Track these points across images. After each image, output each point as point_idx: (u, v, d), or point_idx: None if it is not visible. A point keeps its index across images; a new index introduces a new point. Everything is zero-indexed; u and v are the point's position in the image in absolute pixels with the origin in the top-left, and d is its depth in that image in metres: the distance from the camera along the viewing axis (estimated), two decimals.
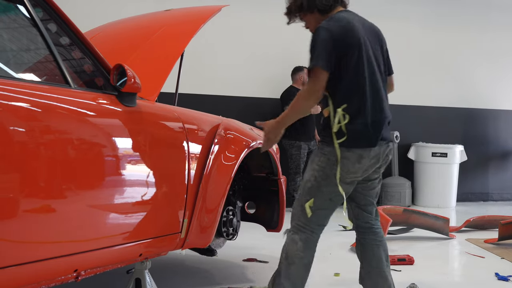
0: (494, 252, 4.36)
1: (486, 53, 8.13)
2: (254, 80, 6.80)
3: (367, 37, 2.55)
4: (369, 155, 2.49)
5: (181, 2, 4.49)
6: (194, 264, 3.75)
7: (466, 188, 7.90)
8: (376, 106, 2.54)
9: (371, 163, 2.52)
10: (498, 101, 8.24)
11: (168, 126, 2.59)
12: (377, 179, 2.68)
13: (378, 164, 2.57)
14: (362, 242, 2.70)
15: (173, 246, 2.60)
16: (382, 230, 2.74)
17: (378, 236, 2.69)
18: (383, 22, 6.06)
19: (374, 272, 2.66)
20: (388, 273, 2.66)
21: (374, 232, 2.69)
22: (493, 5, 8.17)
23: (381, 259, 2.66)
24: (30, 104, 1.87)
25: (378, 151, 2.53)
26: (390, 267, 2.69)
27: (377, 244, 2.67)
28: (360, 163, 2.48)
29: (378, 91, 2.57)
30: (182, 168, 2.58)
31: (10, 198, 1.76)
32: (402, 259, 3.92)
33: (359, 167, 2.48)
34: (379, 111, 2.55)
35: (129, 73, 2.26)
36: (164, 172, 2.50)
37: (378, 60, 2.61)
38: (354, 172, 2.49)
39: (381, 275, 2.66)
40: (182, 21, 3.38)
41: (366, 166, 2.51)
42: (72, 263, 2.01)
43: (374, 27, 2.69)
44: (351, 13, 2.63)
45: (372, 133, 2.50)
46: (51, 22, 2.19)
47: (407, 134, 7.60)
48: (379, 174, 2.67)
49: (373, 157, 2.51)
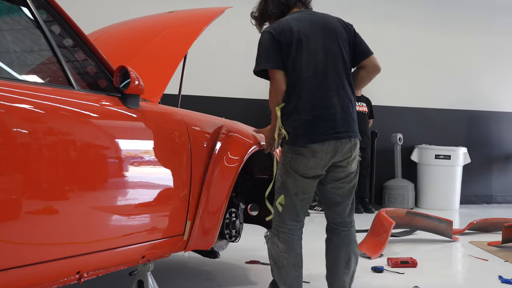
0: (498, 255, 4.35)
1: (489, 55, 8.13)
2: (257, 81, 6.77)
3: (312, 33, 2.62)
4: (322, 150, 2.54)
5: (184, 4, 4.49)
6: (197, 266, 3.75)
7: (469, 190, 7.88)
8: (316, 101, 2.57)
9: (327, 157, 2.56)
10: (501, 103, 8.24)
11: (171, 128, 2.58)
12: (343, 178, 2.68)
13: (334, 159, 2.58)
14: (327, 240, 2.80)
15: (176, 248, 2.60)
16: (351, 232, 2.78)
17: (342, 238, 2.75)
18: (385, 25, 6.21)
19: (330, 271, 2.77)
20: (345, 275, 2.72)
21: (337, 233, 2.76)
22: (496, 7, 8.16)
23: (339, 261, 2.73)
24: (34, 106, 1.87)
25: (334, 145, 2.56)
26: (349, 270, 2.74)
27: (339, 246, 2.75)
28: (315, 157, 2.54)
29: (321, 87, 2.59)
30: (185, 170, 2.58)
31: (13, 199, 1.76)
32: (405, 261, 3.91)
33: (315, 161, 2.55)
34: (322, 107, 2.57)
35: (132, 75, 2.26)
36: (167, 174, 2.50)
37: (329, 54, 2.62)
38: (313, 167, 2.56)
39: (336, 276, 2.74)
40: (185, 22, 3.38)
41: (325, 161, 2.56)
42: (75, 265, 2.01)
43: (329, 20, 2.72)
44: (300, 13, 2.73)
45: (312, 130, 2.54)
46: (54, 24, 2.19)
47: (410, 136, 7.60)
48: (346, 173, 2.67)
49: (328, 152, 2.55)
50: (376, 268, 3.77)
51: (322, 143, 2.54)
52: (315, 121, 2.55)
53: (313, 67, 2.58)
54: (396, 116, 7.72)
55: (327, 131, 2.55)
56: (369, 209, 6.81)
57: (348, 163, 2.63)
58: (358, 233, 4.91)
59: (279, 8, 2.76)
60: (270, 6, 2.77)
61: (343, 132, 2.58)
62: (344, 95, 2.62)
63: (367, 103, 7.05)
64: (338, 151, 2.57)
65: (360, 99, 6.99)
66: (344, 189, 2.70)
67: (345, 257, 2.73)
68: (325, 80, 2.59)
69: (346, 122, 2.60)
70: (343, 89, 2.62)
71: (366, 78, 2.78)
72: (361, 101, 6.98)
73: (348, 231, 2.77)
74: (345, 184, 2.69)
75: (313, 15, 2.72)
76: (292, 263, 2.63)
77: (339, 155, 2.58)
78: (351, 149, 2.61)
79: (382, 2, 7.43)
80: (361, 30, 2.84)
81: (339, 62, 2.64)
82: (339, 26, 2.69)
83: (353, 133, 2.62)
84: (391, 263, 3.90)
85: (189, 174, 2.59)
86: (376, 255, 4.16)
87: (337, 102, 2.59)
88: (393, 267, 3.87)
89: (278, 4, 2.76)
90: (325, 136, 2.54)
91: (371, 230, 4.55)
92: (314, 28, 2.64)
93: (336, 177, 2.67)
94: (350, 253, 2.74)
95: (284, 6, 2.75)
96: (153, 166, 2.42)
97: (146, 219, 2.35)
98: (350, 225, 2.79)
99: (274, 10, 2.76)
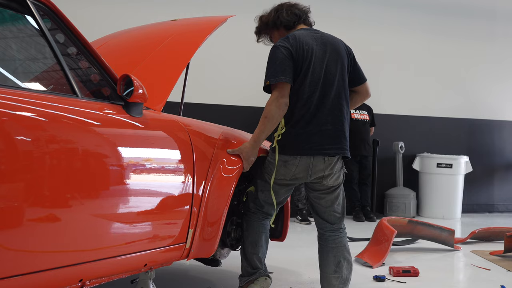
0: (500, 264, 4.34)
1: (491, 64, 8.14)
2: (260, 89, 6.79)
3: (320, 54, 2.80)
4: (294, 163, 2.76)
5: (188, 12, 4.52)
6: (199, 274, 3.74)
7: (471, 199, 7.88)
8: (311, 119, 2.75)
9: (298, 171, 2.77)
10: (503, 111, 8.24)
11: (174, 136, 2.59)
12: (323, 190, 2.84)
13: (308, 173, 2.77)
14: (318, 246, 2.96)
15: (178, 256, 2.60)
16: (340, 237, 2.91)
17: (330, 242, 2.90)
18: (387, 33, 6.17)
19: (322, 275, 2.92)
20: (335, 279, 2.85)
21: (326, 239, 2.91)
22: (498, 16, 8.19)
23: (329, 265, 2.87)
24: (37, 114, 1.88)
25: (307, 161, 2.75)
26: (341, 275, 2.85)
27: (328, 250, 2.89)
28: (286, 168, 2.79)
29: (319, 106, 2.77)
30: (188, 177, 2.58)
31: (16, 207, 1.76)
32: (407, 270, 3.90)
33: (285, 171, 2.80)
34: (314, 124, 2.75)
35: (136, 83, 2.28)
36: (169, 182, 2.51)
37: (330, 75, 2.81)
38: (282, 174, 2.82)
39: (326, 280, 2.88)
40: (189, 31, 3.39)
41: (293, 172, 2.79)
42: (77, 273, 2.01)
43: (334, 42, 2.89)
44: (308, 31, 2.90)
45: (296, 144, 2.75)
46: (58, 32, 2.21)
47: (412, 145, 7.61)
48: (325, 186, 2.82)
49: (300, 166, 2.76)
50: (378, 277, 3.76)
51: (313, 157, 2.75)
52: (303, 136, 2.75)
53: (314, 87, 2.76)
54: (397, 124, 7.72)
55: (306, 146, 2.75)
56: (370, 218, 6.80)
57: (322, 178, 2.79)
58: (360, 242, 4.95)
59: (291, 18, 2.94)
60: (284, 14, 2.94)
61: (328, 152, 2.77)
62: (338, 115, 2.81)
63: (368, 111, 7.06)
64: (310, 167, 2.77)
65: (362, 107, 7.00)
66: (325, 200, 2.87)
67: (334, 260, 2.85)
68: (323, 100, 2.77)
69: (330, 139, 2.77)
70: (339, 109, 2.81)
71: (358, 101, 3.06)
72: (362, 109, 7.00)
73: (336, 236, 2.90)
74: (325, 195, 2.86)
75: (320, 34, 2.89)
76: (250, 241, 3.00)
77: (310, 171, 2.77)
78: (325, 169, 2.77)
79: (385, 10, 7.46)
80: (364, 38, 2.88)
81: (339, 83, 2.83)
82: (343, 49, 2.89)
83: (333, 150, 2.78)
84: (393, 272, 3.89)
85: (192, 182, 2.60)
86: (378, 264, 4.15)
87: (330, 120, 2.77)
88: (394, 276, 3.86)
89: (291, 14, 2.94)
90: (304, 151, 2.75)
91: (373, 239, 4.55)
92: (322, 50, 2.81)
93: (316, 188, 2.86)
94: (339, 257, 2.86)
95: (296, 18, 2.95)
96: (156, 174, 2.42)
97: (148, 227, 2.36)
98: (338, 231, 2.90)
99: (288, 18, 2.94)
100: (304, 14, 2.98)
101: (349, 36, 4.23)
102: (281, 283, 3.55)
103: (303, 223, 6.41)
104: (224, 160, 2.81)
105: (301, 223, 6.41)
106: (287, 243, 3.78)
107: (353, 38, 6.95)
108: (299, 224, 6.37)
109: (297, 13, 2.95)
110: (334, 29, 3.58)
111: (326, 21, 4.18)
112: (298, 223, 6.44)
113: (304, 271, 3.88)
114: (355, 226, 6.29)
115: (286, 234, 3.44)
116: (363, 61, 3.24)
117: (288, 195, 3.01)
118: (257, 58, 6.92)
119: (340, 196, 2.89)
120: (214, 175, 2.73)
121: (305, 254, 4.41)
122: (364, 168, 7.04)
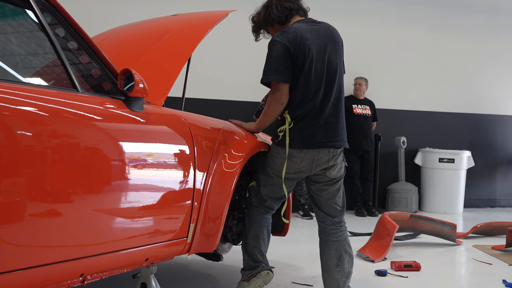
0: (502, 259, 4.34)
1: (493, 58, 8.12)
2: (261, 85, 6.79)
3: (321, 48, 2.77)
4: (300, 156, 2.75)
5: (189, 7, 4.50)
6: (200, 269, 3.75)
7: (473, 194, 7.87)
8: (317, 113, 2.75)
9: (303, 164, 2.77)
10: (505, 106, 8.23)
11: (175, 131, 2.59)
12: (325, 182, 2.85)
13: (312, 165, 2.77)
14: (319, 242, 2.96)
15: (180, 251, 2.60)
16: (341, 231, 2.91)
17: (331, 236, 2.89)
18: (389, 28, 6.15)
19: (324, 269, 2.91)
20: (337, 273, 2.85)
21: (327, 232, 2.91)
22: (501, 10, 8.16)
23: (330, 258, 2.87)
24: (38, 108, 1.87)
25: (313, 154, 2.75)
26: (343, 268, 2.86)
27: (329, 244, 2.88)
28: (290, 161, 2.77)
29: (324, 101, 2.76)
30: (189, 172, 2.58)
31: (17, 202, 1.76)
32: (408, 265, 3.90)
33: (290, 164, 2.78)
34: (319, 118, 2.75)
35: (137, 77, 2.27)
36: (171, 177, 2.50)
37: (332, 64, 2.79)
38: (287, 168, 2.79)
39: (328, 274, 2.88)
40: (190, 25, 3.38)
41: (298, 166, 2.78)
42: (79, 267, 2.01)
43: (333, 33, 2.86)
44: (306, 23, 2.84)
45: (301, 138, 2.74)
46: (59, 26, 2.20)
47: (414, 140, 7.60)
48: (327, 178, 2.83)
49: (306, 159, 2.75)
50: (380, 271, 3.76)
51: (300, 150, 2.75)
52: (309, 129, 2.74)
53: (319, 82, 2.75)
54: (399, 119, 7.71)
55: (318, 139, 2.75)
56: (372, 213, 6.80)
57: (326, 169, 2.80)
58: (362, 237, 4.95)
59: (282, 13, 2.86)
60: (274, 10, 2.87)
61: (328, 143, 2.76)
62: (339, 107, 2.82)
63: (370, 106, 7.04)
64: (315, 159, 2.76)
65: (364, 102, 6.99)
66: (327, 192, 2.87)
67: (336, 254, 2.85)
68: (328, 94, 2.77)
69: (334, 132, 2.78)
70: (339, 101, 2.83)
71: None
72: (364, 104, 6.98)
73: (337, 229, 2.90)
74: (327, 187, 2.86)
75: (317, 26, 2.84)
76: (251, 235, 3.00)
77: (315, 163, 2.77)
78: (329, 160, 2.77)
79: (386, 5, 7.43)
80: (365, 33, 2.87)
81: (340, 75, 2.84)
82: (340, 39, 2.87)
83: (338, 142, 2.79)
84: (395, 267, 3.89)
85: (193, 177, 2.59)
86: (380, 258, 4.15)
87: (333, 113, 2.78)
88: (396, 271, 3.86)
89: (282, 8, 2.86)
90: (308, 144, 2.74)
91: (375, 234, 4.55)
92: (322, 43, 2.78)
93: (318, 180, 2.85)
94: (341, 251, 2.86)
95: (288, 11, 2.86)
96: (157, 169, 2.42)
97: (149, 222, 2.35)
98: (339, 224, 2.91)
99: (278, 14, 2.86)
100: (295, 5, 2.88)
101: (351, 31, 4.21)
102: (283, 277, 3.55)
103: (305, 218, 6.41)
104: (226, 154, 2.80)
105: (303, 218, 6.42)
106: (288, 238, 3.78)
107: (355, 32, 6.94)
108: (301, 219, 6.37)
109: (288, 6, 2.85)
110: (336, 24, 3.56)
111: (327, 16, 4.16)
112: (300, 218, 6.44)
113: (306, 265, 3.89)
114: (357, 221, 6.29)
115: (287, 229, 3.44)
116: (365, 56, 3.24)
117: (290, 190, 3.01)
118: (260, 53, 6.91)
119: (341, 189, 2.91)
120: (215, 170, 2.73)
121: (307, 249, 4.41)
122: (366, 163, 7.04)
